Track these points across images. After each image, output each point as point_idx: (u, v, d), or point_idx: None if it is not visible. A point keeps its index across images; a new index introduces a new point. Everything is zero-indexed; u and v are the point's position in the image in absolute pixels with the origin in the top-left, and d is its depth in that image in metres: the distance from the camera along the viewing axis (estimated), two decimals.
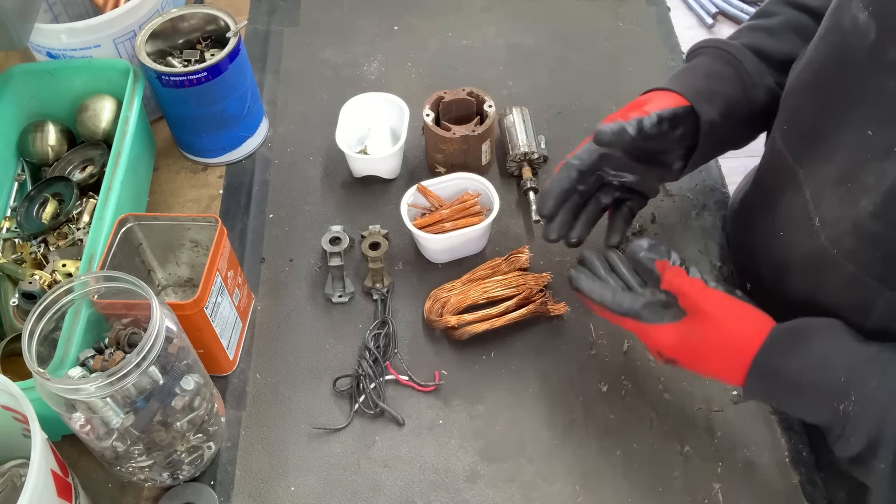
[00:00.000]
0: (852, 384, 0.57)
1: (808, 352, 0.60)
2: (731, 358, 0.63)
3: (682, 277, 0.65)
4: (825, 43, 0.64)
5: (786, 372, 0.60)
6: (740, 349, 0.62)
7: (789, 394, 0.61)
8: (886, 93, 0.57)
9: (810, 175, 0.67)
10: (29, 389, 0.61)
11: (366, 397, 0.76)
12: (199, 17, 0.93)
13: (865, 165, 0.59)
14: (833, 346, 0.60)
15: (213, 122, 0.92)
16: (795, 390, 0.60)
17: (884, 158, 0.57)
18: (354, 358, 0.80)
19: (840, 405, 0.58)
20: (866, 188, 0.59)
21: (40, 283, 0.79)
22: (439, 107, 0.92)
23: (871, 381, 0.57)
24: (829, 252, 0.64)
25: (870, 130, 0.58)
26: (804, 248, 0.68)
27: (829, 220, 0.64)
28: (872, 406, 0.56)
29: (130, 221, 0.75)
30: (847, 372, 0.58)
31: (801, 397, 0.61)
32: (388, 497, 0.72)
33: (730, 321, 0.63)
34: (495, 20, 1.15)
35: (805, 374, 0.59)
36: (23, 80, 0.90)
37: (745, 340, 0.62)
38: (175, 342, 0.63)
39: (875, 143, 0.58)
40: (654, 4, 1.17)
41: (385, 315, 0.83)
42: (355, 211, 0.93)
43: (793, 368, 0.60)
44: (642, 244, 0.68)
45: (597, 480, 0.73)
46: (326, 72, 1.09)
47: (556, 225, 0.77)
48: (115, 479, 0.73)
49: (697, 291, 0.64)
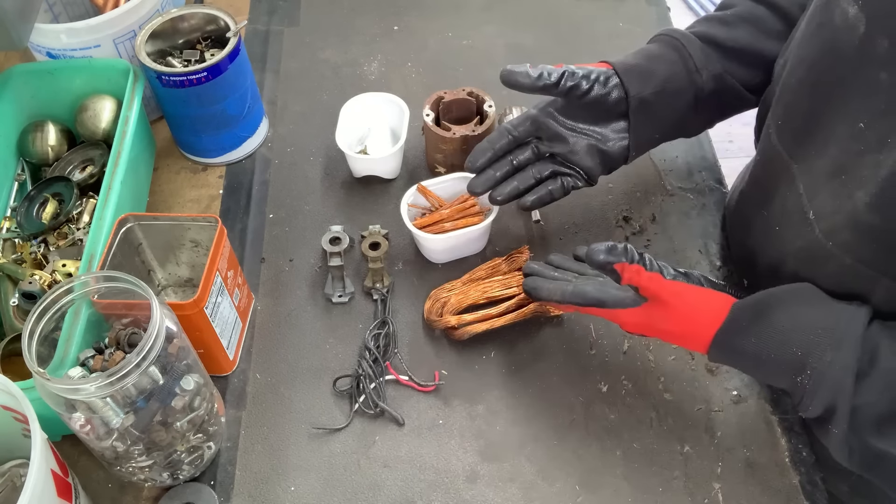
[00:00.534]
0: (809, 358, 0.60)
1: (766, 328, 0.62)
2: (694, 338, 0.67)
3: (640, 275, 0.67)
4: (817, 38, 0.65)
5: (746, 347, 0.63)
6: (700, 331, 0.66)
7: (751, 365, 0.66)
8: (877, 85, 0.57)
9: (804, 169, 0.67)
10: (29, 389, 0.61)
11: (366, 397, 0.76)
12: (199, 17, 0.93)
13: (860, 158, 0.60)
14: (792, 320, 0.62)
15: (213, 122, 0.92)
16: (756, 362, 0.64)
17: (878, 150, 0.58)
18: (354, 358, 0.80)
19: (798, 377, 0.61)
20: (861, 180, 0.60)
21: (40, 283, 0.79)
22: (439, 107, 0.92)
23: (826, 355, 0.59)
24: (825, 245, 0.65)
25: (862, 123, 0.59)
26: (799, 241, 0.69)
27: (823, 213, 0.65)
28: (827, 380, 0.59)
29: (130, 221, 0.75)
30: (804, 347, 0.60)
31: (761, 369, 0.65)
32: (388, 497, 0.72)
33: (688, 307, 0.66)
34: (495, 20, 1.16)
35: (764, 350, 0.62)
36: (23, 80, 0.90)
37: (704, 323, 0.65)
38: (175, 342, 0.63)
39: (868, 136, 0.59)
40: (654, 4, 1.18)
41: (385, 315, 0.83)
42: (355, 211, 0.93)
43: (752, 344, 0.63)
44: (599, 248, 0.68)
45: (597, 480, 0.73)
46: (326, 72, 1.09)
47: (482, 179, 0.80)
48: (115, 479, 0.73)
49: (656, 285, 0.67)
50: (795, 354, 0.61)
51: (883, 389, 0.57)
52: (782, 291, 0.65)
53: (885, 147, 0.57)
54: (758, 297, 0.65)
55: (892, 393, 0.57)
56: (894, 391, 0.57)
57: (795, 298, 0.64)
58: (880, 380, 0.58)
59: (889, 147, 0.56)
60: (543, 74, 0.75)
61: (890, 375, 0.58)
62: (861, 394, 0.58)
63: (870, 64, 0.58)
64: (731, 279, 0.86)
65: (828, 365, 0.59)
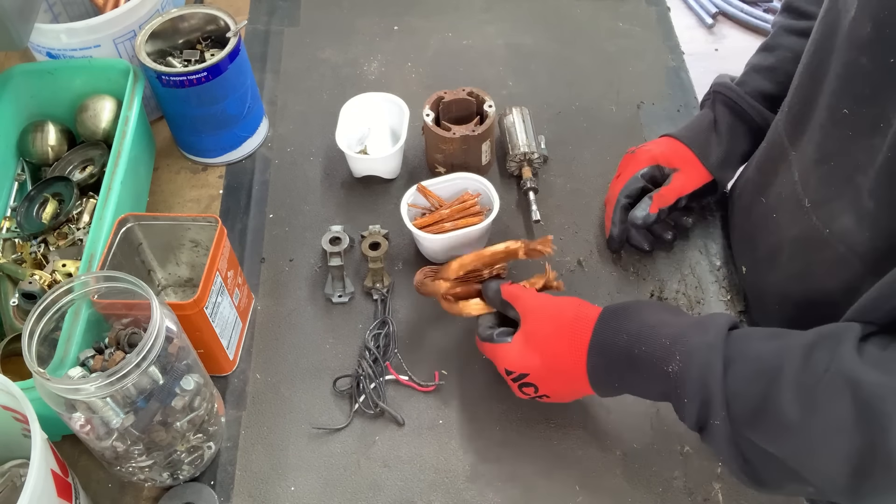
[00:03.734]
0: (676, 345, 0.59)
1: (637, 323, 0.63)
2: (569, 342, 0.66)
3: (514, 286, 0.72)
4: (822, 23, 0.65)
5: (620, 342, 0.62)
6: (575, 332, 0.65)
7: (627, 366, 0.63)
8: (857, 70, 0.57)
9: (799, 156, 0.68)
10: (29, 389, 0.61)
11: (366, 397, 0.76)
12: (199, 17, 0.93)
13: (847, 144, 0.60)
14: (659, 315, 0.63)
15: (213, 122, 0.92)
16: (630, 360, 0.62)
17: (871, 135, 0.57)
18: (354, 358, 0.80)
19: (668, 367, 0.59)
20: (859, 165, 0.59)
21: (40, 283, 0.79)
22: (439, 107, 0.92)
23: (693, 339, 0.59)
24: (821, 232, 0.65)
25: (846, 109, 0.59)
26: (796, 229, 0.69)
27: (818, 200, 0.65)
28: (694, 360, 0.58)
29: (130, 221, 0.75)
30: (672, 336, 0.60)
31: (638, 369, 0.62)
32: (388, 497, 0.72)
33: (558, 307, 0.68)
34: (495, 20, 1.16)
35: (636, 344, 0.62)
36: (23, 80, 0.90)
37: (577, 325, 0.66)
38: (175, 342, 0.63)
39: (855, 121, 0.59)
40: (654, 4, 1.18)
41: (385, 315, 0.83)
42: (355, 211, 0.93)
43: (625, 340, 0.62)
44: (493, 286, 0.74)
45: (597, 480, 0.73)
46: (326, 72, 1.09)
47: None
48: (115, 479, 0.73)
49: (527, 294, 0.71)
50: (665, 345, 0.60)
51: (752, 378, 0.55)
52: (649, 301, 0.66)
53: (877, 132, 0.56)
54: (625, 303, 0.66)
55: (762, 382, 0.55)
56: (764, 380, 0.55)
57: (663, 306, 0.66)
58: (748, 366, 0.56)
59: (881, 131, 0.56)
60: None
61: (758, 362, 0.56)
62: (731, 381, 0.56)
63: (852, 48, 0.58)
64: (731, 279, 0.86)
65: (694, 346, 0.58)
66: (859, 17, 0.57)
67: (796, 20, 0.83)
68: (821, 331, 0.55)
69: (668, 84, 1.07)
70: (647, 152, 0.86)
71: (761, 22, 2.23)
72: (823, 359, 0.52)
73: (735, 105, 0.84)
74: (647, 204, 0.84)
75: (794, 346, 0.55)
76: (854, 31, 0.58)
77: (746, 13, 2.27)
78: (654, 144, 0.87)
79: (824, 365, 0.52)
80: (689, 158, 0.85)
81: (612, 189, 0.88)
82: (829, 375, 0.51)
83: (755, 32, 2.25)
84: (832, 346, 0.53)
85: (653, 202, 0.83)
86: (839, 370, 0.51)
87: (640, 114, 1.03)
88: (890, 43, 0.54)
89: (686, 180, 0.84)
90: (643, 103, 1.04)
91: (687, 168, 0.85)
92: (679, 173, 0.84)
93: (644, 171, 0.86)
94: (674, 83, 1.07)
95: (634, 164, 0.87)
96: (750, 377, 0.55)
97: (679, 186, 0.84)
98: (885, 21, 0.54)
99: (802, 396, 0.52)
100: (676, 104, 1.04)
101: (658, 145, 0.87)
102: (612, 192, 0.87)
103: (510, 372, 0.70)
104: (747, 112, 0.83)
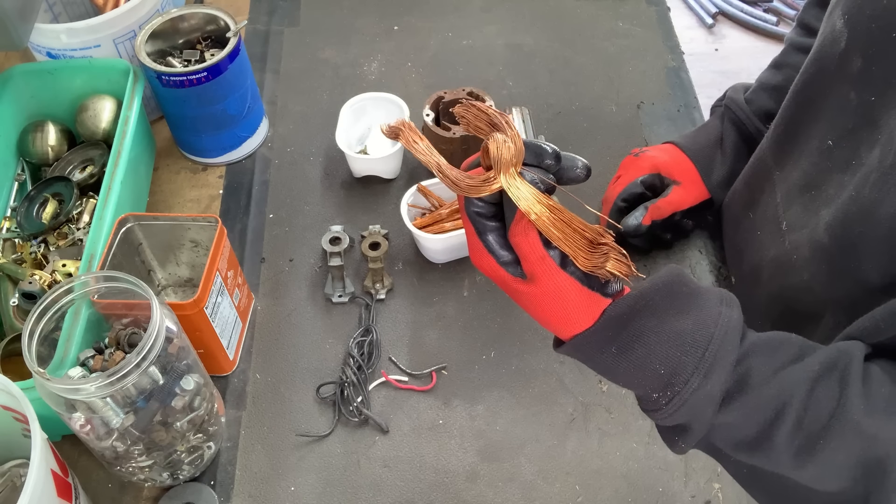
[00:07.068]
0: (673, 379, 0.50)
1: (627, 347, 0.51)
2: (557, 326, 0.52)
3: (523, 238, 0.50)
4: (815, 50, 0.65)
5: (602, 359, 0.52)
6: (565, 322, 0.52)
7: (604, 373, 0.54)
8: (846, 104, 0.57)
9: (782, 178, 0.68)
10: (29, 389, 0.61)
11: (349, 405, 0.76)
12: (199, 17, 0.93)
13: (828, 176, 0.59)
14: (657, 334, 0.50)
15: (213, 122, 0.92)
16: (612, 374, 0.53)
17: (844, 170, 0.57)
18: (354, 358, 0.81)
19: (655, 395, 0.51)
20: (827, 199, 0.59)
21: (40, 283, 0.79)
22: (439, 107, 0.92)
23: (693, 382, 0.50)
24: (790, 257, 0.64)
25: (830, 141, 0.59)
26: (773, 249, 0.69)
27: (794, 225, 0.65)
28: (688, 407, 0.50)
29: (130, 221, 0.75)
30: (669, 365, 0.50)
31: (617, 378, 0.53)
32: (388, 497, 0.72)
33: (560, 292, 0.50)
34: (495, 20, 1.16)
35: (622, 364, 0.52)
36: (23, 80, 0.90)
37: (570, 318, 0.51)
38: (175, 342, 0.63)
39: (836, 155, 0.58)
40: (654, 4, 1.18)
41: (370, 322, 0.82)
42: (355, 211, 0.93)
43: (609, 359, 0.52)
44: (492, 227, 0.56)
45: (597, 480, 0.73)
46: (326, 72, 1.09)
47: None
48: (115, 479, 0.73)
49: (537, 258, 0.50)
50: (658, 372, 0.51)
51: (745, 417, 0.50)
52: (656, 293, 0.51)
53: (849, 168, 0.56)
54: (629, 303, 0.51)
55: (754, 421, 0.50)
56: (755, 419, 0.50)
57: (670, 304, 0.51)
58: (742, 408, 0.50)
59: (853, 168, 0.55)
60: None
61: (754, 402, 0.50)
62: (722, 415, 0.51)
63: (843, 81, 0.57)
64: (730, 279, 0.86)
65: (692, 393, 0.50)
66: (849, 50, 0.57)
67: (806, 38, 0.82)
68: (825, 361, 0.50)
69: (668, 84, 1.07)
70: (651, 159, 0.86)
71: (761, 22, 2.23)
72: (829, 401, 0.49)
73: (742, 126, 0.84)
74: (641, 213, 0.83)
75: (800, 380, 0.50)
76: (844, 63, 0.57)
77: (746, 13, 2.27)
78: (659, 152, 0.87)
79: (829, 411, 0.49)
80: (691, 174, 0.84)
81: (610, 189, 0.88)
82: (835, 423, 0.48)
83: (755, 32, 2.25)
84: (839, 385, 0.49)
85: (647, 213, 0.83)
86: (847, 419, 0.48)
87: (640, 114, 1.03)
88: (874, 80, 0.54)
89: (685, 195, 0.84)
90: (643, 103, 1.04)
91: (687, 183, 0.84)
92: (679, 187, 0.84)
93: (644, 177, 0.85)
94: (674, 83, 1.07)
95: (636, 169, 0.86)
96: (742, 417, 0.51)
97: (677, 201, 0.84)
98: (873, 57, 0.54)
99: (803, 441, 0.49)
100: (676, 104, 1.04)
101: (662, 153, 0.86)
102: (611, 192, 0.87)
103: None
104: (753, 136, 0.82)
